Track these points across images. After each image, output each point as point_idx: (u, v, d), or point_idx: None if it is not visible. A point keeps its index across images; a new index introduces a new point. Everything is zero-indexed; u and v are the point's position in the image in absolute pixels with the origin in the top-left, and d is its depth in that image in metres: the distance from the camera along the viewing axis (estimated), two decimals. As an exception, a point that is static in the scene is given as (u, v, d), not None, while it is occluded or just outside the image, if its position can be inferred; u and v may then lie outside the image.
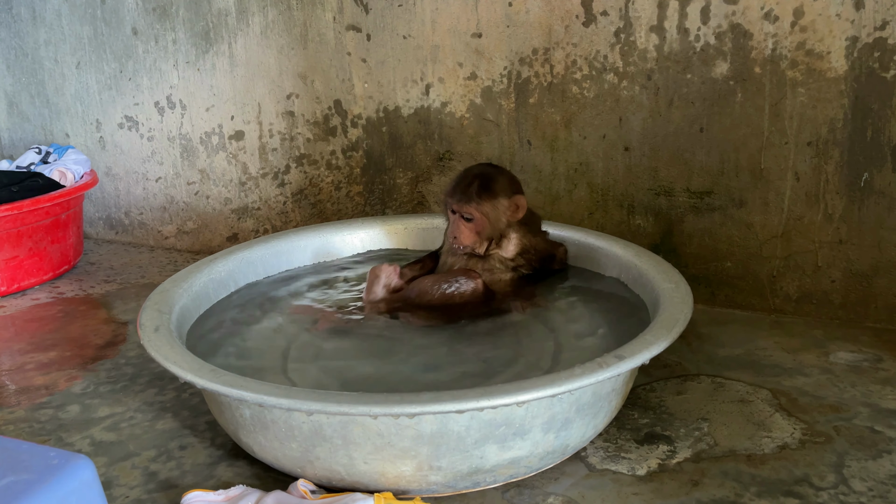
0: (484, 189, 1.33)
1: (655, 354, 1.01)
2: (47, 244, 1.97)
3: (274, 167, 2.05)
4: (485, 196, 1.33)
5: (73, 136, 2.32)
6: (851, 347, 1.43)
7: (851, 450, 1.11)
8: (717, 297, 1.65)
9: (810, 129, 1.48)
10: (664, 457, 1.11)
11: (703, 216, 1.62)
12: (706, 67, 1.53)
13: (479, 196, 1.33)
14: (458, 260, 1.38)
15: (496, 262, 1.37)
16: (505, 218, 1.35)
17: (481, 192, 1.33)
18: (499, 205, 1.34)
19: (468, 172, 1.38)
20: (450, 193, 1.36)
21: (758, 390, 1.29)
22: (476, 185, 1.33)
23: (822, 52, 1.43)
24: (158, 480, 1.10)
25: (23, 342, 1.64)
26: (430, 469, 0.97)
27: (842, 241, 1.51)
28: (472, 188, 1.33)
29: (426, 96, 1.82)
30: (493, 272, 1.36)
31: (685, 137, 1.59)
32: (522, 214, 1.37)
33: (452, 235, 1.35)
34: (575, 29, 1.62)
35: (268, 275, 1.52)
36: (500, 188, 1.35)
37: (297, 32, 1.90)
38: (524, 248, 1.39)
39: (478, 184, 1.34)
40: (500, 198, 1.34)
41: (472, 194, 1.33)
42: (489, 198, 1.33)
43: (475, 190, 1.33)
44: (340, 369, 1.17)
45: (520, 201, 1.36)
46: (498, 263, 1.37)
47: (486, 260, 1.37)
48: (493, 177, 1.36)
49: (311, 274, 1.53)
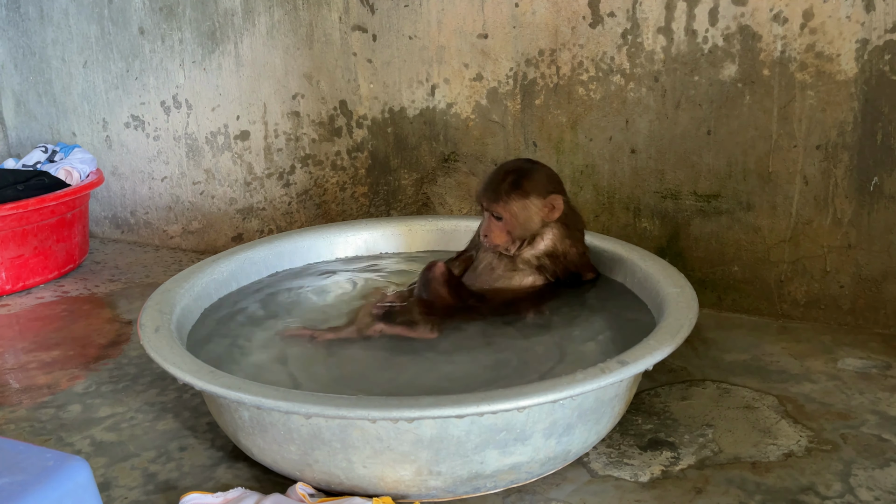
0: (515, 187, 1.27)
1: (659, 360, 1.00)
2: (52, 243, 1.97)
3: (279, 167, 2.05)
4: (515, 194, 1.26)
5: (79, 136, 2.32)
6: (860, 354, 1.42)
7: (859, 458, 1.09)
8: (724, 302, 1.63)
9: (819, 132, 1.46)
10: (668, 463, 1.10)
11: (710, 220, 1.60)
12: (714, 69, 1.51)
13: (508, 194, 1.26)
14: (486, 256, 1.35)
15: (520, 263, 1.32)
16: (539, 218, 1.28)
17: (512, 190, 1.27)
18: (531, 204, 1.27)
19: (502, 168, 1.31)
20: (482, 190, 1.31)
21: (764, 396, 1.27)
22: (507, 182, 1.27)
23: (832, 54, 1.42)
24: (158, 482, 1.10)
25: (26, 341, 1.64)
26: (430, 474, 0.96)
27: (851, 245, 1.49)
28: (503, 186, 1.27)
29: (432, 97, 1.81)
30: (511, 277, 1.32)
31: (692, 140, 1.57)
32: (559, 215, 1.29)
33: (483, 234, 1.30)
34: (581, 30, 1.61)
35: (271, 275, 1.51)
36: (534, 186, 1.27)
37: (302, 32, 1.90)
38: (553, 251, 1.31)
39: (510, 181, 1.27)
40: (533, 197, 1.27)
41: (501, 192, 1.27)
42: (520, 196, 1.27)
43: (506, 188, 1.27)
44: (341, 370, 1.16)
45: (556, 201, 1.28)
46: (521, 264, 1.32)
47: (512, 260, 1.32)
48: (527, 174, 1.29)
49: (315, 275, 1.52)
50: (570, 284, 1.36)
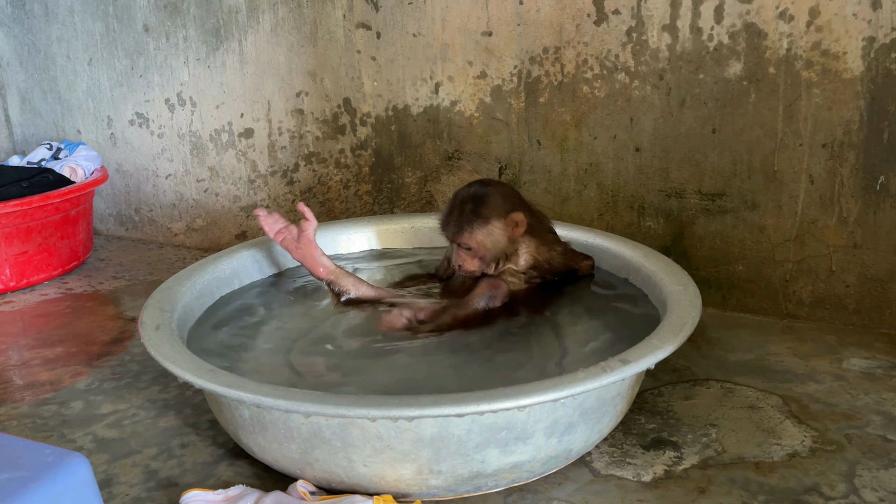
0: (475, 216, 1.26)
1: (662, 359, 0.99)
2: (57, 240, 1.97)
3: (283, 165, 2.04)
4: (476, 223, 1.26)
5: (84, 133, 2.33)
6: (865, 354, 1.41)
7: (863, 459, 1.08)
8: (728, 301, 1.62)
9: (825, 130, 1.45)
10: (671, 463, 1.09)
11: (714, 218, 1.59)
12: (719, 67, 1.50)
13: (470, 224, 1.26)
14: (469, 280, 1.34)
15: (508, 276, 1.32)
16: (505, 238, 1.28)
17: (472, 219, 1.26)
18: (494, 228, 1.27)
19: (457, 198, 1.30)
20: (442, 225, 1.30)
21: (768, 396, 1.26)
22: (466, 212, 1.27)
23: (838, 52, 1.40)
24: (159, 479, 1.10)
25: (30, 337, 1.64)
26: (431, 473, 0.96)
27: (856, 245, 1.48)
28: (463, 217, 1.26)
29: (435, 95, 1.81)
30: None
31: (697, 138, 1.56)
32: (523, 230, 1.29)
33: (457, 265, 1.30)
34: (586, 28, 1.60)
35: (273, 273, 1.51)
36: (491, 211, 1.27)
37: (306, 30, 1.90)
38: (536, 263, 1.33)
39: (468, 210, 1.26)
40: (494, 220, 1.26)
41: (463, 223, 1.26)
42: (482, 224, 1.26)
43: (466, 218, 1.26)
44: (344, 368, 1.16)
45: (517, 218, 1.28)
46: (510, 276, 1.32)
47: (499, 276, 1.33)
48: (482, 199, 1.27)
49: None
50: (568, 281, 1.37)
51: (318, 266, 1.37)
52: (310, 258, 1.37)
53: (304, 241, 1.38)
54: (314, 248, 1.38)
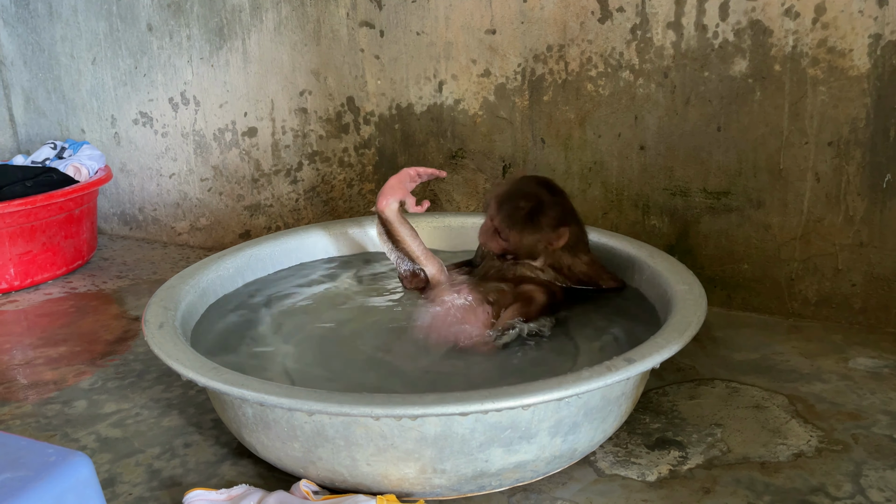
0: (531, 220, 1.26)
1: (667, 358, 0.99)
2: (61, 239, 1.98)
3: (286, 164, 2.04)
4: (529, 227, 1.26)
5: (88, 132, 2.33)
6: (872, 353, 1.40)
7: (870, 459, 1.07)
8: (734, 300, 1.62)
9: (831, 128, 1.44)
10: (675, 463, 1.08)
11: (719, 217, 1.58)
12: (724, 65, 1.49)
13: (523, 225, 1.26)
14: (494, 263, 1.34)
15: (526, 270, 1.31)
16: (543, 246, 1.29)
17: (527, 222, 1.26)
18: (541, 237, 1.27)
19: (521, 191, 1.29)
20: (497, 205, 1.28)
21: (774, 396, 1.26)
22: (525, 212, 1.26)
23: (844, 49, 1.40)
24: (162, 478, 1.09)
25: (34, 337, 1.64)
26: (434, 472, 0.95)
27: (863, 243, 1.47)
28: (519, 214, 1.26)
29: (439, 93, 1.80)
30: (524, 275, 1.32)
31: (702, 136, 1.55)
32: (562, 244, 1.28)
33: (482, 238, 1.29)
34: (590, 25, 1.60)
35: (277, 271, 1.51)
36: (549, 221, 1.27)
37: (310, 29, 1.89)
38: (556, 264, 1.32)
39: (527, 212, 1.26)
40: (545, 231, 1.27)
41: (516, 221, 1.26)
42: (533, 231, 1.26)
43: (521, 217, 1.26)
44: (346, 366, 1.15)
45: (563, 234, 1.27)
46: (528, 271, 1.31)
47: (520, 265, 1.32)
48: (545, 208, 1.27)
49: (321, 271, 1.52)
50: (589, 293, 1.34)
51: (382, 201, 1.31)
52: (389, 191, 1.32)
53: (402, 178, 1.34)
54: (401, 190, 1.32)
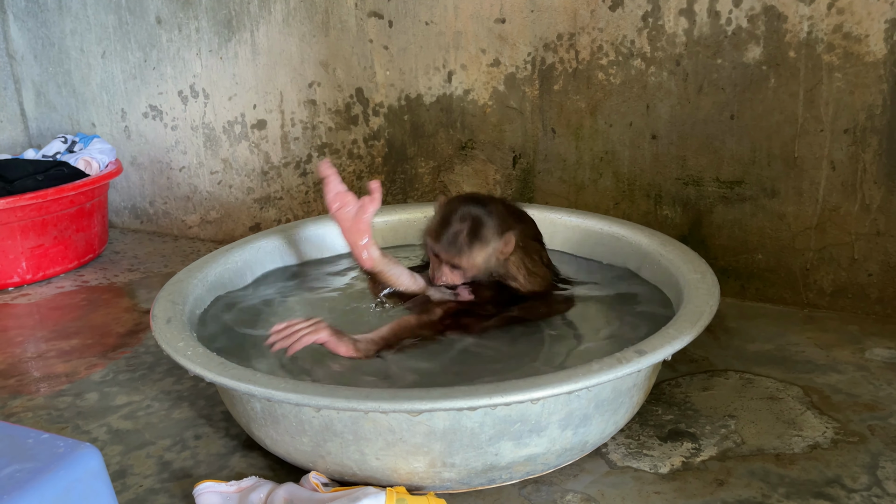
0: (475, 238, 1.20)
1: (679, 349, 0.97)
2: (72, 233, 1.98)
3: (296, 156, 2.04)
4: (477, 246, 1.20)
5: (98, 126, 2.33)
6: (888, 344, 1.37)
7: (886, 450, 1.06)
8: (748, 291, 1.60)
9: (847, 115, 1.41)
10: (688, 455, 1.07)
11: (733, 206, 1.56)
12: (738, 52, 1.47)
13: (470, 246, 1.20)
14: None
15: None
16: (496, 257, 1.23)
17: (472, 241, 1.20)
18: (490, 249, 1.21)
19: (452, 215, 1.22)
20: (434, 238, 1.22)
21: (788, 387, 1.24)
22: (466, 234, 1.20)
23: (860, 35, 1.37)
24: (172, 470, 1.10)
25: (46, 330, 1.65)
26: (444, 466, 0.94)
27: (879, 232, 1.45)
28: (461, 238, 1.20)
29: (448, 84, 1.79)
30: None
31: (715, 125, 1.53)
32: (512, 249, 1.22)
33: (439, 279, 1.23)
34: (601, 13, 1.58)
35: (285, 264, 1.50)
36: (492, 232, 1.21)
37: (318, 19, 1.88)
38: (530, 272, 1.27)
39: (468, 232, 1.20)
40: (493, 242, 1.21)
41: (461, 245, 1.20)
42: (481, 247, 1.20)
43: (465, 240, 1.20)
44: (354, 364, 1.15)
45: (509, 239, 1.22)
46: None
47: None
48: (482, 221, 1.21)
49: (330, 263, 1.51)
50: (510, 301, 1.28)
51: (364, 253, 1.24)
52: (358, 243, 1.24)
53: (360, 222, 1.24)
54: (366, 232, 1.24)
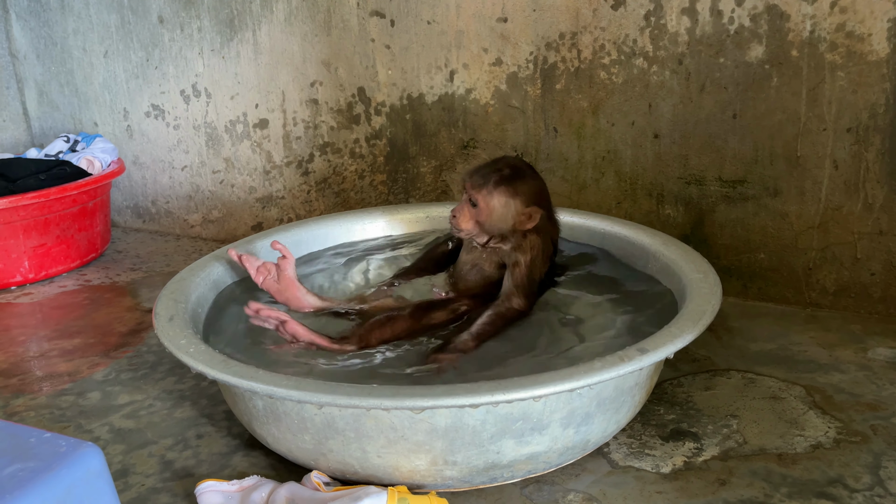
0: (505, 182, 1.22)
1: (681, 348, 0.97)
2: (74, 232, 1.98)
3: (298, 156, 2.04)
4: (502, 188, 1.22)
5: (101, 125, 2.33)
6: (891, 343, 1.37)
7: (889, 450, 1.06)
8: (750, 290, 1.59)
9: (850, 114, 1.41)
10: (690, 454, 1.07)
11: (735, 206, 1.56)
12: (740, 51, 1.47)
13: (496, 185, 1.22)
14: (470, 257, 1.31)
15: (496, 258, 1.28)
16: (512, 221, 1.23)
17: (501, 183, 1.22)
18: (512, 204, 1.22)
19: (503, 159, 1.27)
20: (471, 170, 1.26)
21: (791, 387, 1.24)
22: (500, 175, 1.23)
23: (863, 34, 1.37)
24: (174, 469, 1.10)
25: (48, 329, 1.65)
26: (445, 464, 0.94)
27: (882, 232, 1.44)
28: (494, 176, 1.23)
29: (450, 83, 1.79)
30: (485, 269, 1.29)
31: (717, 124, 1.53)
32: (532, 226, 1.23)
33: (453, 213, 1.26)
34: (603, 12, 1.58)
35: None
36: (524, 191, 1.23)
37: (320, 19, 1.88)
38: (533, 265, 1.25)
39: (503, 175, 1.23)
40: (518, 199, 1.22)
41: (490, 181, 1.22)
42: (506, 193, 1.22)
43: (496, 179, 1.23)
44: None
45: (535, 213, 1.22)
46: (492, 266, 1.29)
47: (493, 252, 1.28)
48: (522, 176, 1.23)
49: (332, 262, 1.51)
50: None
51: (304, 306, 1.30)
52: (294, 299, 1.30)
53: (285, 281, 1.30)
54: (296, 287, 1.30)
